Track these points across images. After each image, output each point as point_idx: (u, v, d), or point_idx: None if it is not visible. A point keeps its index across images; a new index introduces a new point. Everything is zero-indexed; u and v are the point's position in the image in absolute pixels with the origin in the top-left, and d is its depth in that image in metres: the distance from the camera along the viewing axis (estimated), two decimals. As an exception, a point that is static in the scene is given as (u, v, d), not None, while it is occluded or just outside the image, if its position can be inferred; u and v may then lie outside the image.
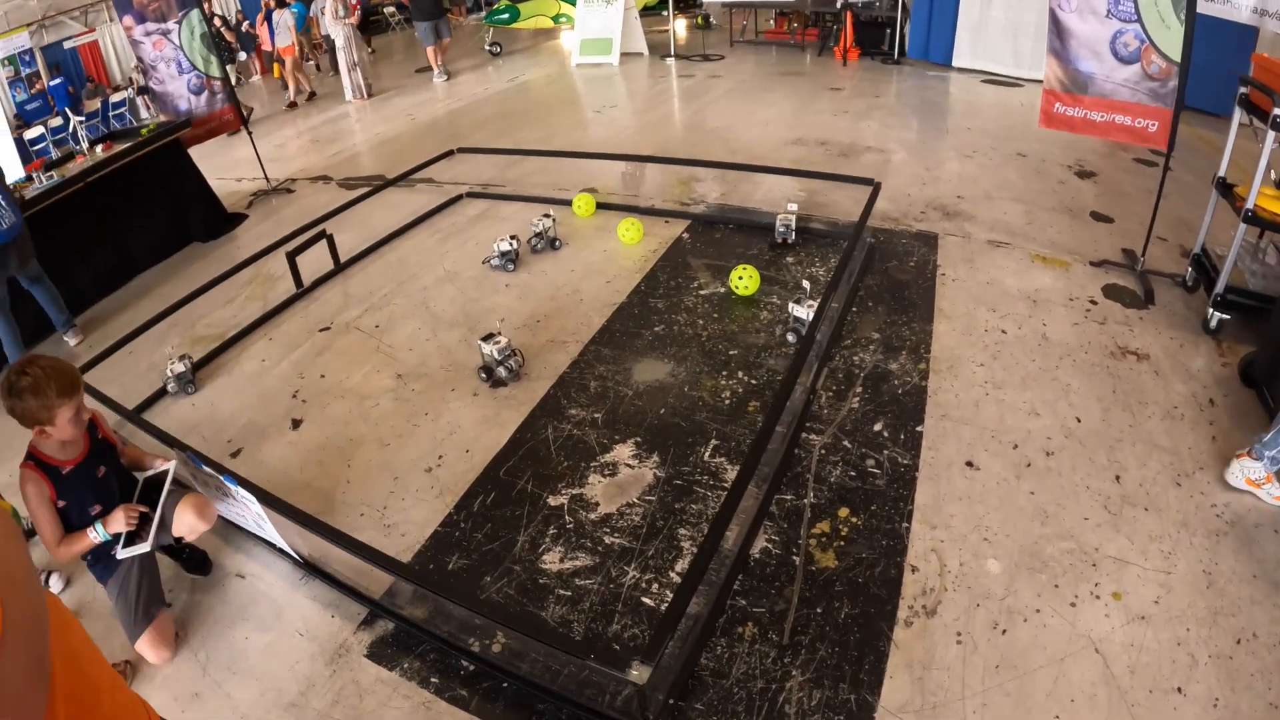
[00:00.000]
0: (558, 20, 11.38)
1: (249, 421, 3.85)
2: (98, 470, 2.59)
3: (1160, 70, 3.93)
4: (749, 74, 9.13)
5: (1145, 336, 3.70)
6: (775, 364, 3.64)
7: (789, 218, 4.58)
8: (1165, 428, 3.12)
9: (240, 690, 2.51)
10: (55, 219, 5.23)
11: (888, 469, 2.98)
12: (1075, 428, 3.13)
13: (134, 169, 5.79)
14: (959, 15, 8.06)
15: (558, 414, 3.49)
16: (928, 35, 8.50)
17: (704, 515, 2.84)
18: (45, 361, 2.35)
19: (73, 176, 5.34)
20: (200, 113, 6.69)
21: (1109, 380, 3.40)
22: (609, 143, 7.17)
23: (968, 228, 4.80)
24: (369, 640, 2.60)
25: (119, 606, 2.60)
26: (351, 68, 10.28)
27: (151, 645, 2.58)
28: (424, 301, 4.69)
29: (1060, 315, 3.87)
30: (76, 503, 2.51)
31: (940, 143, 6.28)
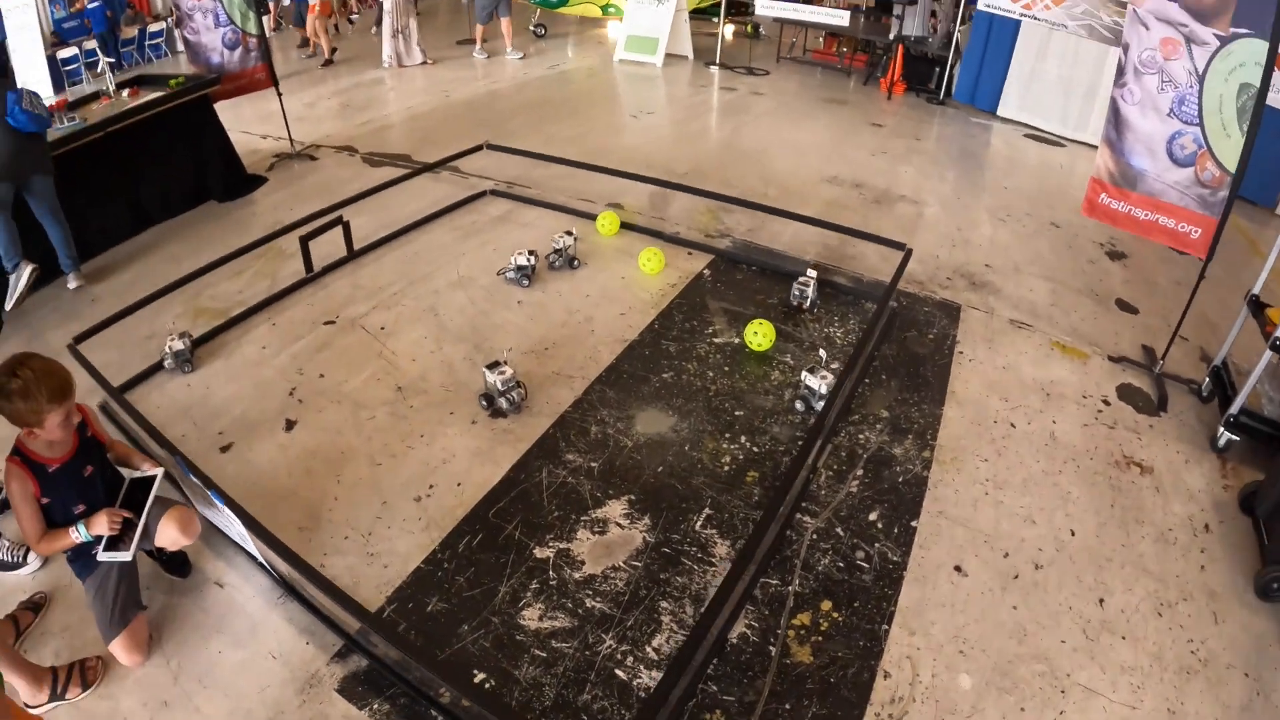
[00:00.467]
0: (606, 11, 11.32)
1: (242, 414, 3.90)
2: (84, 469, 2.62)
3: (1213, 178, 3.95)
4: (791, 94, 9.12)
5: (1152, 447, 3.75)
6: (780, 433, 3.69)
7: (807, 282, 4.58)
8: (1156, 551, 3.18)
9: (209, 706, 2.57)
10: (72, 162, 5.24)
11: (876, 564, 3.04)
12: (1068, 541, 3.19)
13: (157, 120, 5.80)
14: (1011, 63, 8.04)
15: (554, 457, 3.54)
16: (977, 79, 8.48)
17: (688, 590, 2.90)
18: (37, 364, 2.38)
19: (94, 123, 5.36)
20: (232, 68, 6.70)
21: (1109, 492, 3.46)
22: (642, 152, 7.18)
23: (992, 302, 4.84)
24: (341, 674, 2.66)
25: (96, 606, 2.64)
26: (394, 34, 10.24)
27: (125, 649, 2.63)
28: (434, 306, 4.73)
29: (1071, 414, 3.92)
30: (60, 501, 2.55)
31: (976, 200, 6.30)
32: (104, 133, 5.36)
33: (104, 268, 5.41)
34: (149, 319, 4.59)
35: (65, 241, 4.97)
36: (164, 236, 5.85)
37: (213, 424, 3.85)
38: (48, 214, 4.84)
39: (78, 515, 2.57)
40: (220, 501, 2.93)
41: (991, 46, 8.16)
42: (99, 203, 5.54)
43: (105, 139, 5.44)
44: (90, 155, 5.38)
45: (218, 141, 6.39)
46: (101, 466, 2.72)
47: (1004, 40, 7.99)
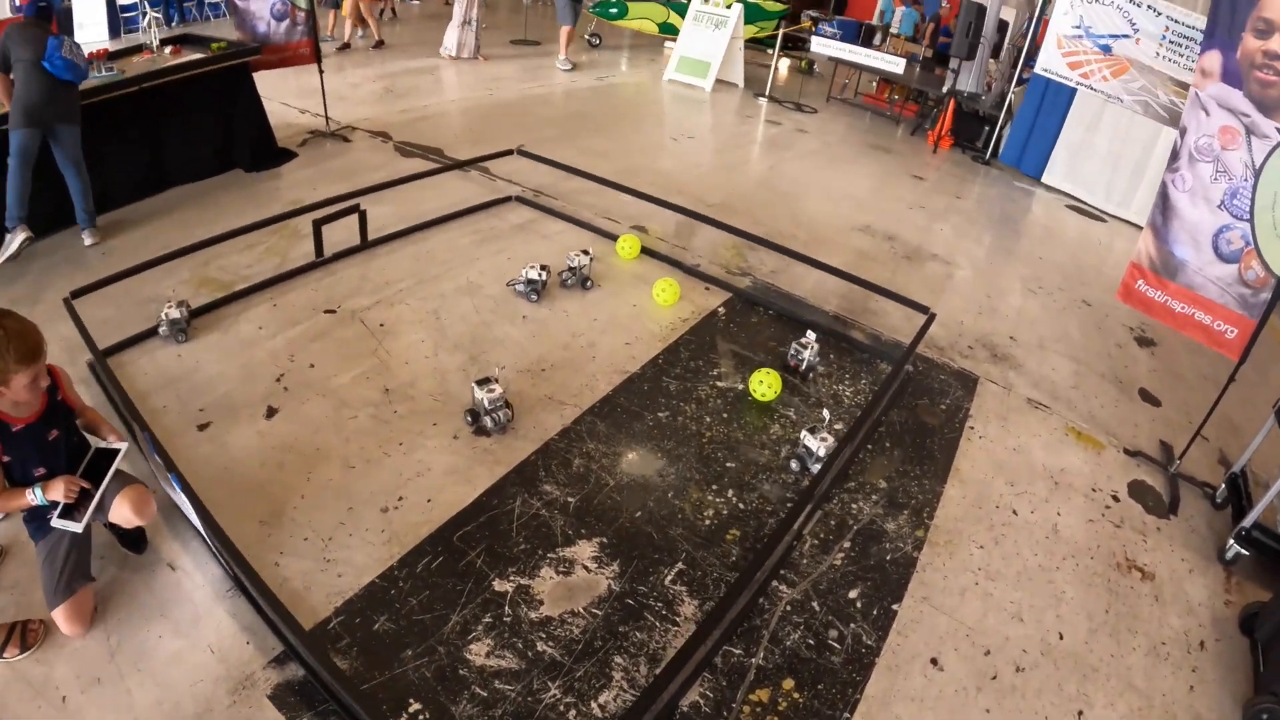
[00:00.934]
0: (663, 29, 11.41)
1: (227, 394, 3.90)
2: (49, 433, 2.64)
3: (1256, 279, 3.89)
4: (837, 137, 9.11)
5: (1157, 552, 3.65)
6: (770, 491, 3.63)
7: (807, 344, 4.43)
8: (1146, 666, 3.08)
9: (140, 690, 2.55)
10: (103, 113, 5.32)
11: (849, 646, 2.96)
12: (1055, 645, 3.10)
13: (193, 82, 5.88)
14: (1062, 131, 8.00)
15: (531, 486, 3.51)
16: (1025, 143, 8.44)
17: (645, 648, 2.84)
18: (11, 324, 2.40)
19: (129, 77, 5.44)
20: (277, 40, 6.79)
21: (1106, 597, 3.37)
22: (676, 178, 7.19)
23: (1012, 378, 4.77)
24: (276, 680, 2.63)
25: (44, 571, 2.66)
26: (462, 23, 10.34)
27: (67, 618, 2.64)
28: (437, 310, 4.73)
29: (1078, 507, 3.83)
30: (20, 461, 2.58)
31: (1008, 267, 6.24)
32: (138, 88, 5.44)
33: (120, 222, 5.47)
34: (154, 281, 4.62)
35: (84, 195, 5.03)
36: (185, 199, 5.92)
37: (196, 399, 3.85)
38: (69, 165, 4.91)
39: (37, 478, 2.59)
40: (178, 485, 2.93)
41: (1044, 111, 8.14)
42: (124, 156, 5.62)
43: (139, 94, 5.53)
44: (122, 108, 5.48)
45: (252, 111, 6.47)
46: (68, 432, 2.73)
47: (1057, 107, 7.98)
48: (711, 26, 10.26)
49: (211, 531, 2.76)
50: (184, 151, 6.04)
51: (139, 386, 3.92)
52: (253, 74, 6.46)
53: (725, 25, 10.15)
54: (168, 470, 3.02)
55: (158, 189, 5.92)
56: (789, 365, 4.48)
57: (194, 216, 5.59)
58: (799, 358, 4.43)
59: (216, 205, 5.80)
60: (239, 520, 3.20)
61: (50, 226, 5.13)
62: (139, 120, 5.64)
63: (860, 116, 10.13)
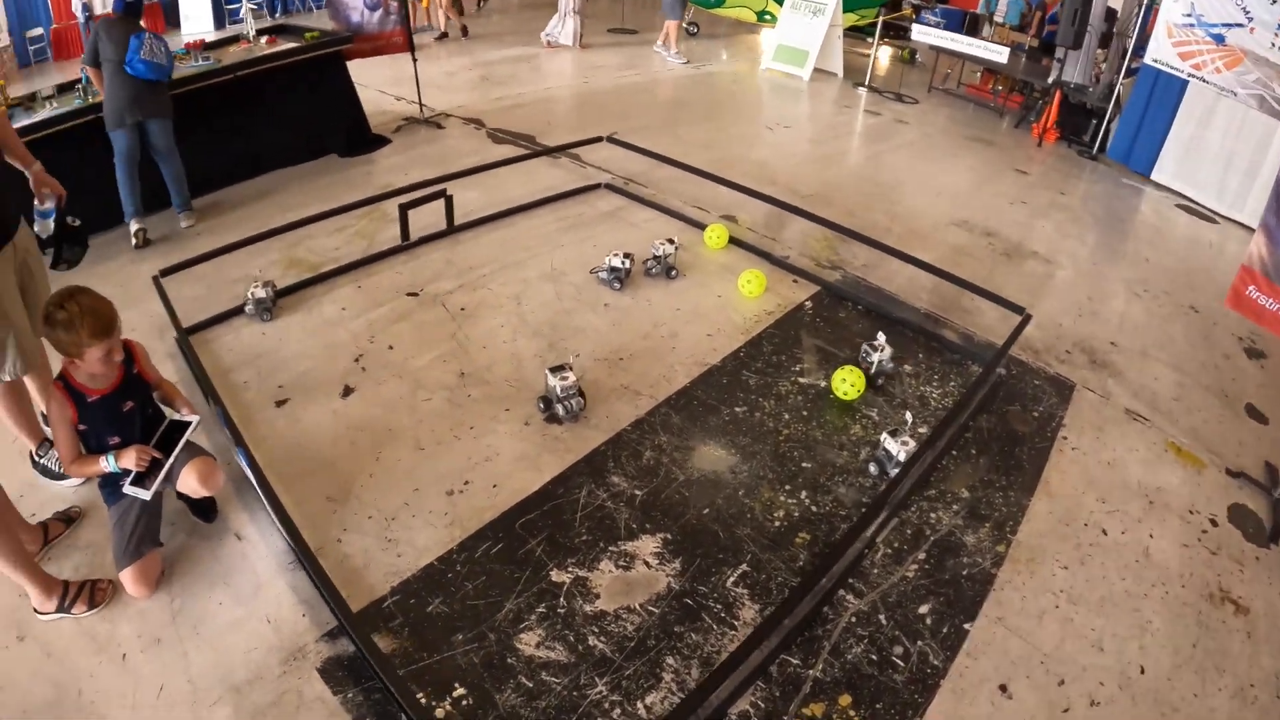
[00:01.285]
0: (762, 17, 11.23)
1: (306, 372, 4.03)
2: (124, 405, 2.80)
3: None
4: (937, 129, 8.75)
5: (1254, 584, 3.29)
6: (845, 495, 3.49)
7: (880, 346, 4.17)
8: (1231, 710, 2.76)
9: (196, 654, 2.66)
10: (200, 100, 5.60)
11: (914, 665, 2.80)
12: (1135, 680, 2.84)
13: (288, 70, 6.13)
14: (1173, 127, 7.46)
15: (599, 477, 3.47)
16: (1134, 138, 7.91)
17: (699, 651, 2.76)
18: (86, 300, 2.55)
19: (224, 66, 5.71)
20: (370, 29, 7.02)
21: (1194, 630, 3.05)
22: (769, 167, 7.04)
23: (1110, 386, 4.44)
24: (327, 654, 2.68)
25: (114, 534, 2.81)
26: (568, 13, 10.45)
27: (133, 580, 2.77)
28: (519, 296, 4.76)
29: (1173, 530, 3.50)
30: (96, 431, 2.75)
31: (1112, 269, 5.83)
32: (233, 76, 5.70)
33: (216, 204, 5.78)
34: (245, 261, 4.84)
35: (179, 181, 5.30)
36: (280, 183, 6.18)
37: (275, 376, 3.99)
38: (163, 155, 5.18)
39: (111, 446, 2.76)
40: (244, 460, 3.03)
41: (1154, 105, 7.61)
42: (221, 142, 5.93)
43: (235, 82, 5.80)
44: (219, 96, 5.77)
45: (346, 98, 6.70)
46: (143, 404, 2.89)
47: (1168, 100, 7.44)
48: (810, 14, 10.03)
49: (274, 506, 2.84)
50: (279, 137, 6.32)
51: (223, 362, 4.09)
52: (347, 62, 6.67)
53: (824, 13, 9.89)
54: (235, 444, 3.15)
55: (254, 173, 6.21)
56: (859, 368, 4.26)
57: (288, 200, 5.81)
58: (868, 360, 4.21)
59: (310, 190, 6.02)
60: (307, 495, 3.30)
61: (149, 207, 5.41)
62: (236, 107, 5.92)
63: (963, 108, 9.71)
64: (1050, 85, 8.68)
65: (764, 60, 10.52)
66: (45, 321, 2.55)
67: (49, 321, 2.53)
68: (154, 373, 2.98)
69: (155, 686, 2.55)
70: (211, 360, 4.09)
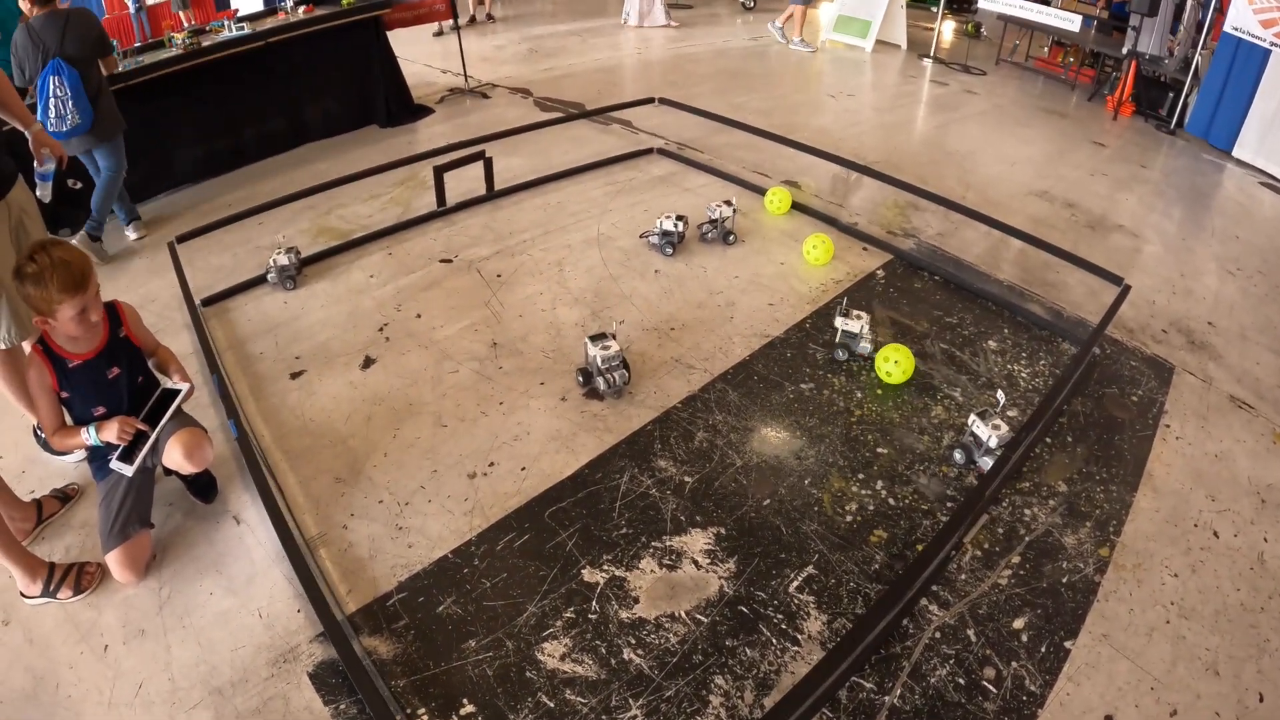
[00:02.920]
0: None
1: (326, 341, 3.68)
2: (108, 370, 2.51)
3: None
4: (1008, 100, 8.07)
5: None
6: (926, 486, 2.96)
7: (856, 321, 3.62)
8: None
9: (180, 648, 2.34)
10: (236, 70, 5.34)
11: (1008, 691, 2.27)
12: (1253, 709, 2.27)
13: (325, 38, 5.83)
14: (1255, 100, 6.67)
15: (643, 460, 3.01)
16: (1214, 112, 7.13)
17: (755, 670, 2.28)
18: (57, 252, 2.28)
19: (258, 31, 5.43)
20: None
21: None
22: (832, 135, 6.48)
23: (1211, 370, 3.80)
24: (320, 658, 2.30)
25: (100, 513, 2.53)
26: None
27: (119, 564, 2.48)
28: (561, 262, 4.33)
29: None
30: (79, 399, 2.48)
31: (1202, 245, 5.15)
32: (265, 43, 5.43)
33: (254, 174, 5.51)
34: (273, 229, 4.59)
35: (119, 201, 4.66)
36: (319, 153, 5.92)
37: (292, 347, 3.65)
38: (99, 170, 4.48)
39: (97, 416, 2.50)
40: (235, 434, 2.67)
41: (1234, 77, 6.83)
42: (257, 112, 5.70)
43: (273, 53, 5.53)
44: (255, 65, 5.49)
45: (387, 67, 6.37)
46: (132, 370, 2.58)
47: (1249, 72, 6.67)
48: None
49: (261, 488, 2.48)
50: (318, 107, 6.06)
51: (240, 332, 3.77)
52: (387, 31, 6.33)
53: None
54: (228, 417, 2.78)
55: (294, 144, 5.96)
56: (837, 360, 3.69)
57: (325, 168, 5.50)
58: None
59: (349, 158, 5.70)
60: (314, 475, 2.94)
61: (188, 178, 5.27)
62: (275, 77, 5.66)
63: (1032, 80, 9.00)
64: (1124, 56, 7.97)
65: (824, 31, 9.91)
66: (15, 275, 2.29)
67: (18, 275, 2.27)
68: (147, 337, 2.68)
69: (135, 683, 2.24)
70: (229, 330, 3.78)
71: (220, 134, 5.46)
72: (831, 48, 9.68)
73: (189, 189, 5.29)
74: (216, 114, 5.37)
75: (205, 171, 5.39)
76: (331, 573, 2.56)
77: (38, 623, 2.42)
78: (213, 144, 5.43)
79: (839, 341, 3.62)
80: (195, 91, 5.17)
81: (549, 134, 5.85)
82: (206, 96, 5.26)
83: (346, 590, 2.50)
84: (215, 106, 5.33)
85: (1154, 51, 7.78)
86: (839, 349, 3.60)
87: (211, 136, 5.41)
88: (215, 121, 5.39)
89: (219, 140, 5.46)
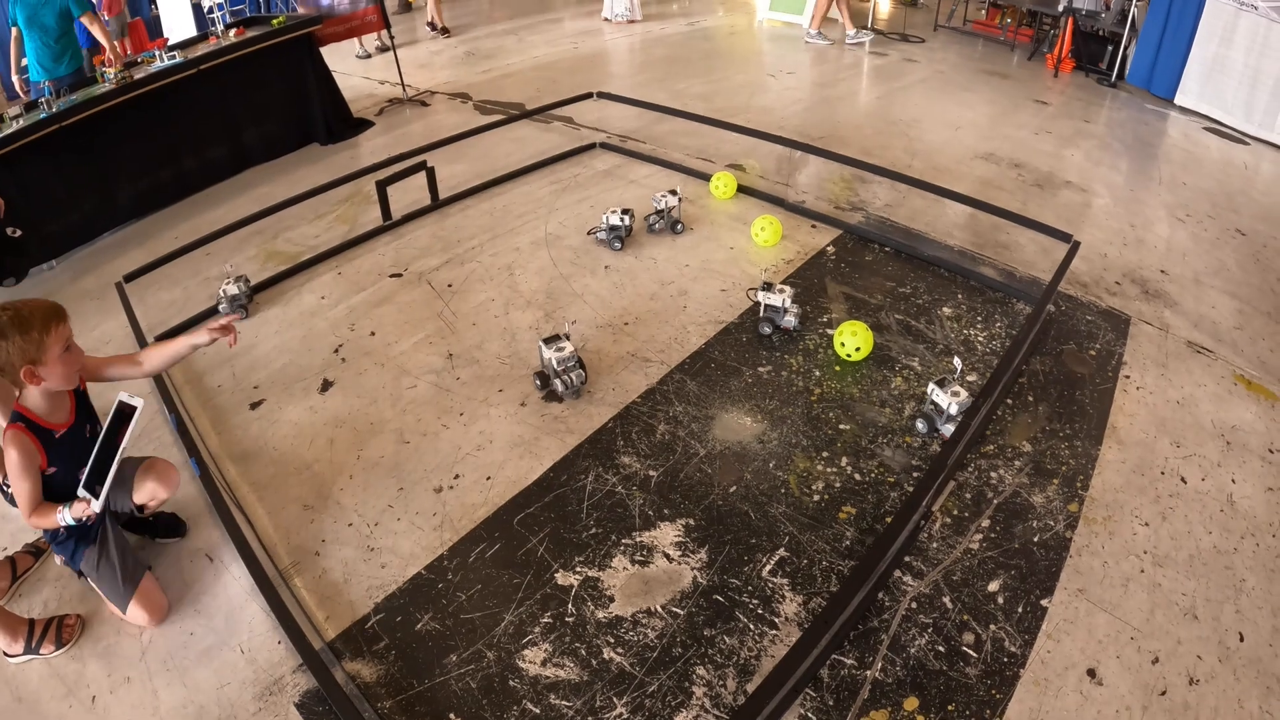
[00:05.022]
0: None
1: (283, 368, 3.63)
2: (85, 431, 2.41)
3: None
4: (949, 65, 8.14)
5: None
6: (891, 458, 3.00)
7: (779, 295, 3.64)
8: None
9: (166, 691, 2.31)
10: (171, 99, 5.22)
11: (988, 654, 2.32)
12: (1234, 649, 2.35)
13: (258, 60, 5.71)
14: (1193, 47, 6.81)
15: (607, 459, 3.01)
16: (1154, 62, 7.27)
17: (735, 657, 2.30)
18: (19, 300, 2.16)
19: (191, 59, 5.31)
20: (341, 10, 6.58)
21: None
22: (775, 115, 6.49)
23: (1167, 317, 3.90)
24: (305, 687, 2.28)
25: (103, 581, 2.42)
26: None
27: (144, 612, 2.44)
28: (510, 265, 4.30)
29: (1254, 472, 2.98)
30: (64, 469, 2.32)
31: (1151, 195, 5.26)
32: (198, 69, 5.29)
33: (198, 204, 5.41)
34: (220, 259, 4.46)
35: None
36: (262, 176, 5.80)
37: (250, 376, 3.59)
38: None
39: (80, 480, 2.33)
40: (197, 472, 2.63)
41: (1171, 26, 6.96)
42: (199, 141, 5.56)
43: (207, 79, 5.40)
44: (190, 93, 5.36)
45: (323, 84, 6.25)
46: (94, 420, 2.48)
47: (1185, 20, 6.80)
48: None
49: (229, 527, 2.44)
50: (258, 130, 5.92)
51: (196, 366, 3.70)
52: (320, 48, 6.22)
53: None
54: (188, 455, 2.74)
55: (236, 170, 5.83)
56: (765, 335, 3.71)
57: (269, 192, 5.39)
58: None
59: (290, 179, 5.59)
60: (282, 504, 2.91)
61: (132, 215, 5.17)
62: (209, 104, 5.53)
63: (972, 44, 9.09)
64: (1060, 14, 8.09)
65: (760, 11, 9.91)
66: None
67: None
68: (98, 366, 2.51)
69: (123, 732, 2.19)
70: (185, 365, 3.69)
71: (161, 166, 5.32)
72: (770, 27, 9.68)
73: (133, 225, 5.16)
74: (156, 146, 5.23)
75: (148, 206, 5.26)
76: (308, 600, 2.53)
77: (24, 680, 2.38)
78: (154, 177, 5.29)
79: (762, 316, 3.66)
80: (132, 125, 5.02)
81: (491, 137, 5.78)
82: (144, 129, 5.12)
83: (325, 617, 2.47)
84: (154, 139, 5.19)
85: (1090, 7, 7.89)
86: (763, 323, 3.64)
87: (152, 170, 5.27)
88: (155, 154, 5.25)
89: (160, 173, 5.32)
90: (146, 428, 3.25)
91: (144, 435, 3.20)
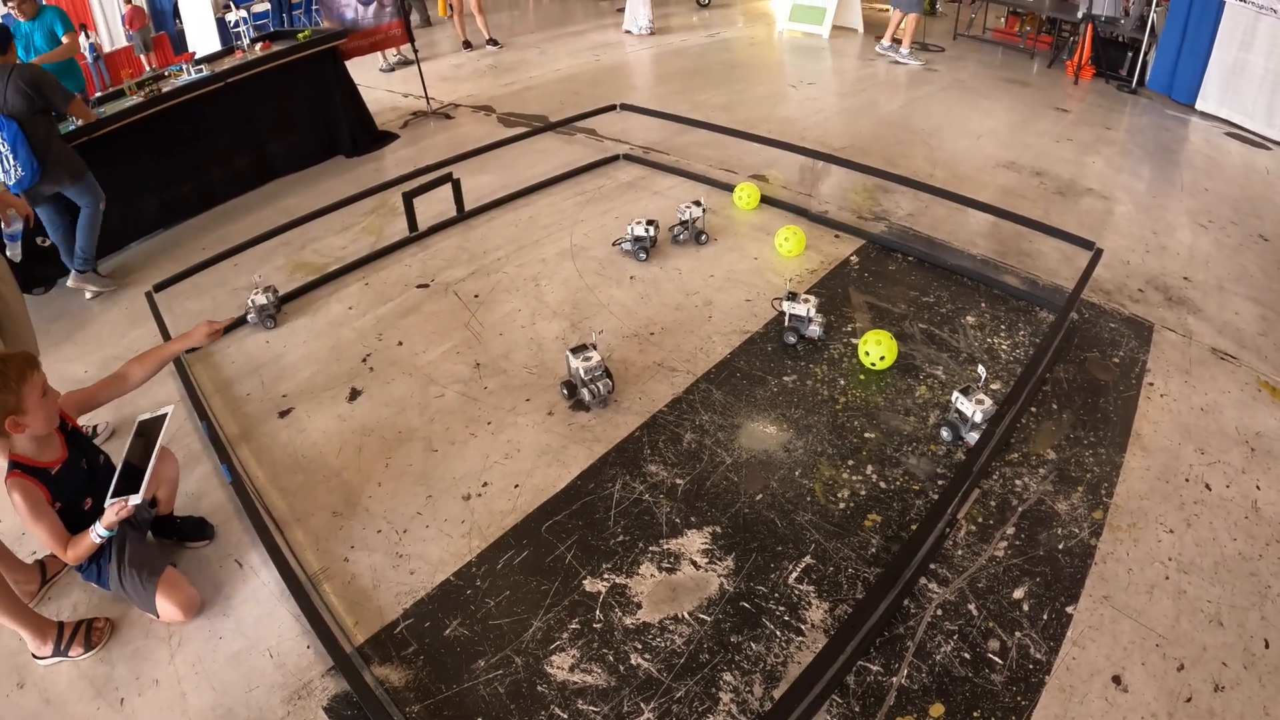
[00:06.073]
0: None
1: (311, 377, 3.69)
2: (81, 464, 2.49)
3: None
4: (968, 73, 8.17)
5: None
6: (916, 466, 3.01)
7: (803, 304, 3.67)
8: None
9: (195, 695, 2.35)
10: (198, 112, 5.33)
11: (1013, 661, 2.32)
12: (1260, 656, 2.33)
13: (285, 74, 5.84)
14: (1213, 52, 6.77)
15: (634, 467, 3.04)
16: (1174, 68, 7.24)
17: (762, 663, 2.32)
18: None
19: (218, 73, 5.43)
20: (366, 24, 6.71)
21: None
22: (797, 125, 6.53)
23: (1191, 324, 3.88)
24: (334, 691, 2.32)
25: (128, 585, 2.47)
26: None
27: (174, 609, 2.48)
28: (536, 276, 4.36)
29: (1279, 478, 2.97)
30: (68, 504, 2.41)
31: (1173, 201, 5.24)
32: (224, 83, 5.41)
33: (224, 215, 5.52)
34: (250, 270, 4.53)
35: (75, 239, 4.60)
36: (286, 189, 5.91)
37: (279, 385, 3.66)
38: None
39: (87, 510, 2.45)
40: (229, 478, 2.68)
41: (1191, 32, 6.93)
42: (225, 153, 5.68)
43: (233, 92, 5.52)
44: (218, 107, 5.49)
45: (348, 97, 6.37)
46: (90, 454, 2.57)
47: (1205, 25, 6.77)
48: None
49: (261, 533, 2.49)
50: (283, 142, 6.05)
51: (225, 375, 3.77)
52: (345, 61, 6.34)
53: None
54: (221, 462, 2.80)
55: (261, 181, 5.95)
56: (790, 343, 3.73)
57: (295, 203, 5.50)
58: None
59: (315, 191, 5.71)
60: (311, 511, 2.96)
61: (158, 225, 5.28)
62: (237, 117, 5.65)
63: (991, 52, 9.12)
64: (1079, 20, 8.08)
65: (780, 22, 9.98)
66: None
67: None
68: (90, 393, 2.63)
69: (152, 735, 2.23)
70: (214, 374, 3.78)
71: (187, 177, 5.45)
72: (790, 37, 9.74)
73: (160, 235, 5.28)
74: (182, 158, 5.36)
75: (175, 216, 5.39)
76: (337, 606, 2.57)
77: (52, 683, 2.43)
78: (180, 188, 5.42)
79: (787, 325, 3.69)
80: (159, 138, 5.16)
81: (515, 149, 5.87)
82: (171, 141, 5.25)
83: (354, 622, 2.52)
84: (180, 151, 5.33)
85: (1109, 12, 7.88)
86: (788, 333, 3.68)
87: (179, 181, 5.40)
88: (181, 165, 5.39)
89: (186, 184, 5.46)
90: (176, 434, 3.32)
91: (173, 442, 3.27)
